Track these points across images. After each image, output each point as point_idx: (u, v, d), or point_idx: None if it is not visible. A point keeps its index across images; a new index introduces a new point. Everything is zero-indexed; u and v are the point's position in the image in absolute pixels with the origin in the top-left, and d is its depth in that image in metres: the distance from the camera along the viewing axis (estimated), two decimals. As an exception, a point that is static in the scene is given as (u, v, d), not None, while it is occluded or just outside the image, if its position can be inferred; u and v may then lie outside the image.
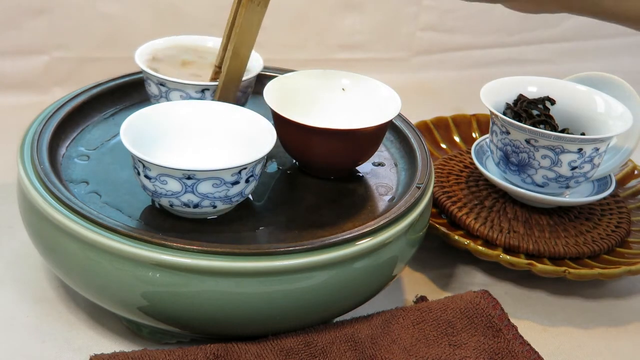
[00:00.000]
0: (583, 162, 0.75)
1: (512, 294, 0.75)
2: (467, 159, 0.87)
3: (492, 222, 0.78)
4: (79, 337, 0.66)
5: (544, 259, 0.75)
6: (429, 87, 1.16)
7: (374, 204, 0.69)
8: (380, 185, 0.72)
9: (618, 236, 0.78)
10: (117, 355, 0.59)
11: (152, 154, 0.64)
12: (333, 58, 1.14)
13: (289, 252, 0.59)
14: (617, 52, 1.25)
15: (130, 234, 0.58)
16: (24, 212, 0.65)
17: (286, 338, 0.61)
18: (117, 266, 0.59)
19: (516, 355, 0.63)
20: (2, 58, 1.00)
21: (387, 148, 0.77)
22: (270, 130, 0.66)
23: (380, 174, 0.73)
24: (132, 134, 0.63)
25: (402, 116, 0.78)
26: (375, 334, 0.63)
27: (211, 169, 0.60)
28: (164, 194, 0.62)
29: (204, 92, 0.71)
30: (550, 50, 1.23)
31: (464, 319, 0.65)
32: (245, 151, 0.65)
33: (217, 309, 0.59)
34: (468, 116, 0.94)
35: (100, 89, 0.77)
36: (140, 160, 0.61)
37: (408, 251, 0.66)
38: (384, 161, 0.75)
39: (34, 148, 0.67)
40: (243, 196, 0.64)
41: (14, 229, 0.75)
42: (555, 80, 0.83)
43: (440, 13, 1.17)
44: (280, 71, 0.81)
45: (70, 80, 1.01)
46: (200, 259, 0.57)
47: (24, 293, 0.70)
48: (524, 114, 0.79)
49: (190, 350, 0.59)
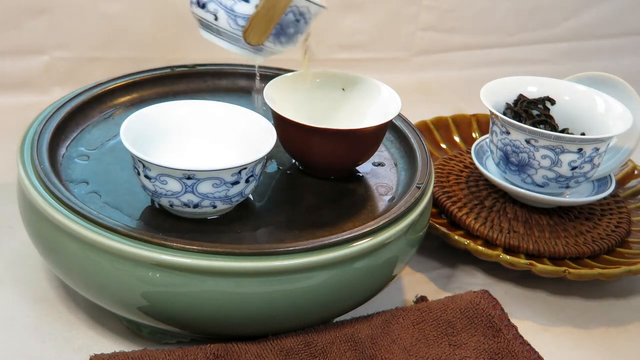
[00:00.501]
0: (583, 162, 0.75)
1: (512, 294, 0.75)
2: (467, 159, 0.87)
3: (492, 222, 0.78)
4: (79, 337, 0.66)
5: (544, 259, 0.75)
6: (429, 87, 1.16)
7: (374, 204, 0.69)
8: (380, 185, 0.72)
9: (618, 236, 0.78)
10: (117, 355, 0.59)
11: (152, 154, 0.64)
12: (333, 58, 1.14)
13: (289, 252, 0.59)
14: (617, 52, 1.25)
15: (130, 234, 0.58)
16: (24, 212, 0.65)
17: (286, 338, 0.61)
18: (117, 266, 0.59)
19: (516, 355, 0.63)
20: (2, 58, 1.00)
21: (387, 148, 0.77)
22: (270, 130, 0.66)
23: (380, 174, 0.73)
24: (132, 134, 0.63)
25: (402, 116, 0.78)
26: (375, 334, 0.63)
27: (211, 169, 0.60)
28: (164, 194, 0.62)
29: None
30: (550, 50, 1.23)
31: (464, 319, 0.65)
32: (245, 151, 0.65)
33: (217, 309, 0.59)
34: (468, 116, 0.94)
35: (100, 89, 0.77)
36: (140, 160, 0.61)
37: (408, 251, 0.66)
38: (384, 161, 0.75)
39: (34, 148, 0.67)
40: (243, 196, 0.64)
41: (14, 229, 0.75)
42: (555, 80, 0.83)
43: (440, 13, 1.17)
44: (281, 71, 0.81)
45: (70, 80, 1.01)
46: (200, 259, 0.57)
47: (24, 293, 0.70)
48: (524, 114, 0.79)
49: (190, 350, 0.59)
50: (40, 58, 1.02)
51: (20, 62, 1.01)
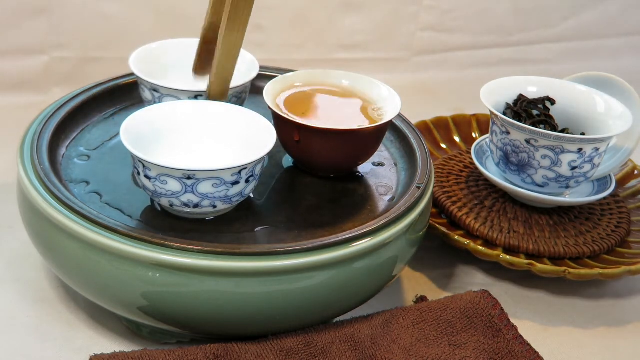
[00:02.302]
0: (583, 162, 0.75)
1: (512, 294, 0.75)
2: (467, 159, 0.87)
3: (492, 222, 0.78)
4: (79, 337, 0.66)
5: (544, 259, 0.75)
6: (429, 87, 1.16)
7: (374, 204, 0.69)
8: (380, 185, 0.72)
9: (618, 236, 0.78)
10: (117, 355, 0.59)
11: (152, 154, 0.64)
12: (333, 58, 1.14)
13: (289, 252, 0.59)
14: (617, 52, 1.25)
15: (130, 234, 0.58)
16: (24, 212, 0.65)
17: (286, 338, 0.61)
18: (117, 266, 0.59)
19: (516, 355, 0.63)
20: (2, 58, 1.00)
21: (387, 148, 0.77)
22: (270, 130, 0.66)
23: (380, 174, 0.73)
24: (132, 134, 0.63)
25: (402, 116, 0.78)
26: (375, 334, 0.63)
27: (211, 169, 0.60)
28: (164, 194, 0.62)
29: (197, 98, 0.71)
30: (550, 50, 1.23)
31: (464, 319, 0.65)
32: (246, 151, 0.65)
33: (217, 309, 0.59)
34: (468, 116, 0.94)
35: (100, 89, 0.77)
36: (140, 160, 0.61)
37: (408, 251, 0.66)
38: (384, 161, 0.75)
39: (34, 148, 0.67)
40: (243, 196, 0.64)
41: (14, 229, 0.75)
42: (555, 80, 0.83)
43: (440, 13, 1.17)
44: (281, 71, 0.81)
45: (70, 80, 1.01)
46: (200, 259, 0.57)
47: (24, 293, 0.70)
48: (524, 114, 0.79)
49: (190, 350, 0.59)
50: (40, 58, 1.02)
51: (20, 62, 1.01)
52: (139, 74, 0.72)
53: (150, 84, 0.71)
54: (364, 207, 0.68)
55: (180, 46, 0.78)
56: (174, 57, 0.77)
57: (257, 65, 0.76)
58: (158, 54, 0.77)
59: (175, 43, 0.78)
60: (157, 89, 0.71)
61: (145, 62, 0.74)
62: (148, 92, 0.72)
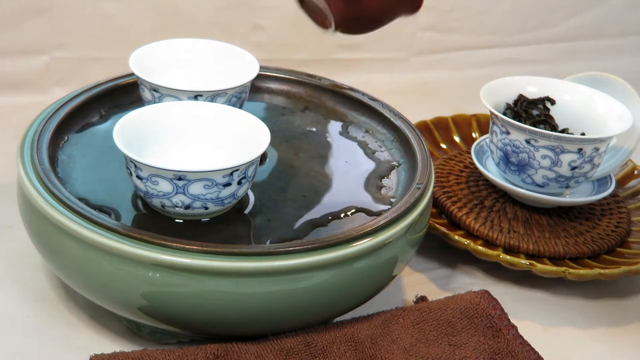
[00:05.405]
0: (583, 162, 0.75)
1: (512, 294, 0.75)
2: (467, 159, 0.87)
3: (492, 222, 0.78)
4: (79, 337, 0.66)
5: (544, 259, 0.75)
6: (429, 87, 1.15)
7: (374, 204, 0.69)
8: (380, 185, 0.72)
9: (618, 236, 0.78)
10: (117, 355, 0.59)
11: (145, 154, 0.64)
12: (333, 58, 1.14)
13: (289, 252, 0.59)
14: (617, 52, 1.25)
15: (130, 234, 0.58)
16: (24, 212, 0.65)
17: (286, 338, 0.61)
18: (117, 266, 0.59)
19: (516, 355, 0.63)
20: (2, 58, 1.00)
21: (387, 148, 0.77)
22: (264, 131, 0.66)
23: (380, 173, 0.73)
24: (125, 134, 0.63)
25: (402, 116, 0.78)
26: (375, 334, 0.63)
27: (202, 170, 0.60)
28: (155, 194, 0.62)
29: (197, 98, 0.71)
30: (550, 50, 1.23)
31: (464, 319, 0.65)
32: (239, 153, 0.65)
33: (217, 309, 0.59)
34: (468, 116, 0.94)
35: (100, 89, 0.77)
36: (131, 161, 0.61)
37: (408, 251, 0.66)
38: (384, 161, 0.75)
39: (34, 148, 0.67)
40: (235, 198, 0.63)
41: (14, 229, 0.75)
42: (555, 80, 0.83)
43: (440, 13, 1.17)
44: (281, 71, 0.81)
45: (70, 80, 1.01)
46: (200, 259, 0.57)
47: (24, 293, 0.70)
48: (524, 114, 0.79)
49: (190, 350, 0.59)
50: (40, 58, 1.02)
51: (20, 62, 1.01)
52: (139, 74, 0.72)
53: (150, 84, 0.71)
54: (364, 207, 0.68)
55: (180, 46, 0.78)
56: (174, 57, 0.77)
57: (257, 65, 0.76)
58: (158, 54, 0.77)
59: (175, 43, 0.78)
60: (157, 89, 0.71)
61: (145, 62, 0.74)
62: (148, 92, 0.72)
